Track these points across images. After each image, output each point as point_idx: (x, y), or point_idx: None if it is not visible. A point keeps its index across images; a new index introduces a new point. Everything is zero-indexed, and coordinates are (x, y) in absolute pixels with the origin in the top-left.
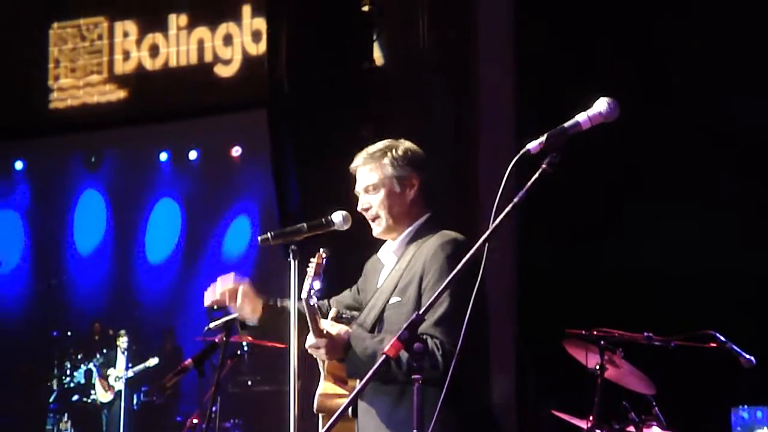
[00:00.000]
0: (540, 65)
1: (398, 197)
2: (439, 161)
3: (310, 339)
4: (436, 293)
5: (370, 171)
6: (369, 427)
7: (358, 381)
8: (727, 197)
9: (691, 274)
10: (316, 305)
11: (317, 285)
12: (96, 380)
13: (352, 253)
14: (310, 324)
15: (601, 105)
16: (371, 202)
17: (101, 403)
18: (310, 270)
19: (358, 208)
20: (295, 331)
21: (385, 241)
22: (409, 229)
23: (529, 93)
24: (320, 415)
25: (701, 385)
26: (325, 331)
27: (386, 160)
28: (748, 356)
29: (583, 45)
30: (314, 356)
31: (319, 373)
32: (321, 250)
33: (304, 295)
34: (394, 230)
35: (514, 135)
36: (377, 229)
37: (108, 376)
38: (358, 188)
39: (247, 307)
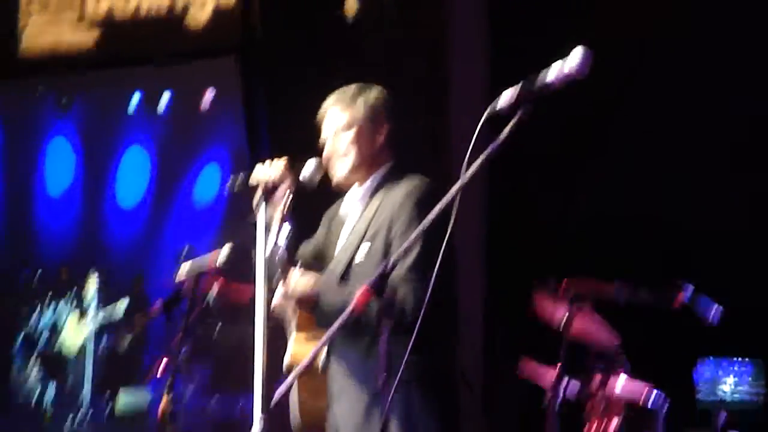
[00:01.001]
0: (515, 14)
1: (368, 139)
2: (410, 109)
3: (279, 290)
4: (404, 246)
5: (342, 111)
6: (340, 379)
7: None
8: (706, 146)
9: (665, 223)
10: (286, 254)
11: (286, 229)
12: (65, 324)
13: (319, 201)
14: (280, 271)
15: (574, 58)
16: (340, 143)
17: (69, 351)
18: (277, 214)
19: (324, 153)
20: (263, 278)
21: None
22: (375, 175)
23: (504, 45)
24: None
25: (668, 336)
26: (294, 282)
27: (359, 101)
28: (712, 311)
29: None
30: (281, 308)
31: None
32: (286, 191)
33: (281, 241)
34: (359, 172)
35: (487, 87)
36: (342, 169)
37: (86, 316)
38: (327, 130)
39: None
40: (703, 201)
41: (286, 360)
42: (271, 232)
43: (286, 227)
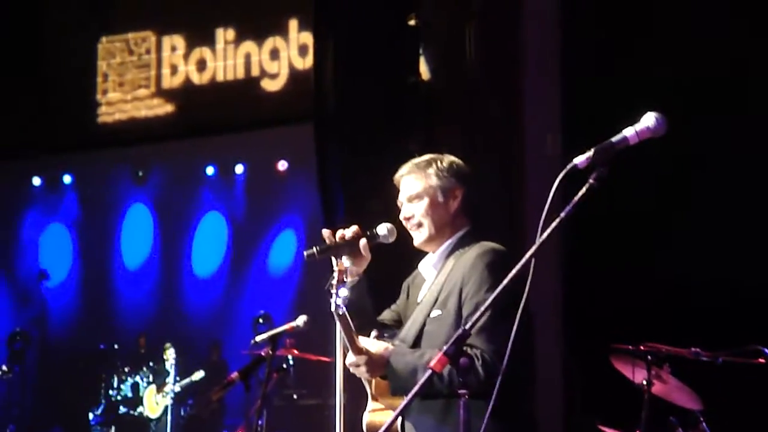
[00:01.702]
0: (587, 79)
1: (441, 207)
2: (485, 176)
3: (350, 357)
4: (483, 307)
5: (415, 180)
6: None
7: (403, 398)
8: None
9: (740, 287)
10: (346, 315)
11: (343, 293)
12: (144, 394)
13: (397, 267)
14: (346, 338)
15: (649, 120)
16: (414, 211)
17: (148, 417)
18: (333, 280)
19: (401, 217)
20: (341, 344)
21: (426, 253)
22: (449, 241)
23: (576, 107)
24: None
25: (749, 401)
26: (364, 349)
27: (431, 170)
28: None
29: (631, 59)
30: (356, 374)
31: (365, 388)
32: (343, 258)
33: (332, 307)
34: (435, 240)
35: (561, 149)
36: (419, 239)
37: (165, 386)
38: (402, 198)
39: (362, 257)
40: None
41: (364, 426)
42: (331, 300)
43: (343, 291)
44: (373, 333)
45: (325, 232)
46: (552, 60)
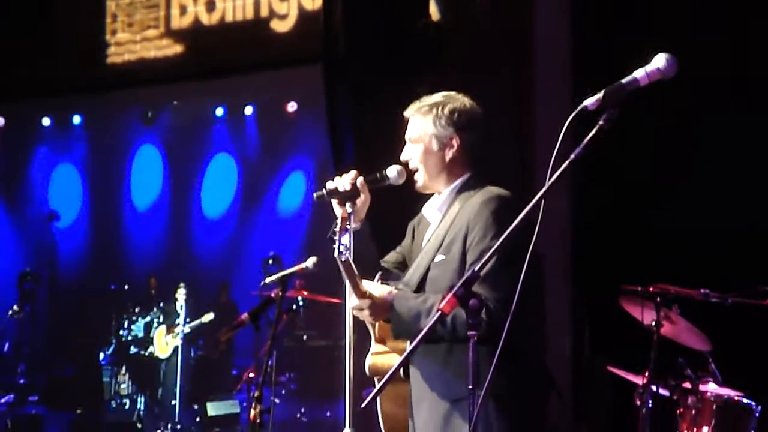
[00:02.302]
0: (598, 21)
1: (435, 155)
2: (494, 118)
3: (354, 300)
4: (489, 251)
5: (414, 123)
6: (418, 387)
7: (408, 342)
8: None
9: (750, 229)
10: (349, 261)
11: (345, 240)
12: (154, 334)
13: (403, 208)
14: (349, 283)
15: (659, 61)
16: (411, 154)
17: (158, 357)
18: (336, 227)
19: (401, 157)
20: (350, 290)
21: (431, 196)
22: (452, 186)
23: (587, 49)
24: (375, 378)
25: (758, 342)
26: (368, 293)
27: (429, 117)
28: None
29: (645, 4)
30: (360, 318)
31: (369, 331)
32: (346, 204)
33: (335, 253)
34: (432, 185)
35: (571, 91)
36: (418, 180)
37: (175, 327)
38: (407, 137)
39: (362, 204)
40: None
41: (366, 369)
42: (335, 246)
43: (345, 238)
44: (377, 276)
45: (334, 183)
46: (563, 2)
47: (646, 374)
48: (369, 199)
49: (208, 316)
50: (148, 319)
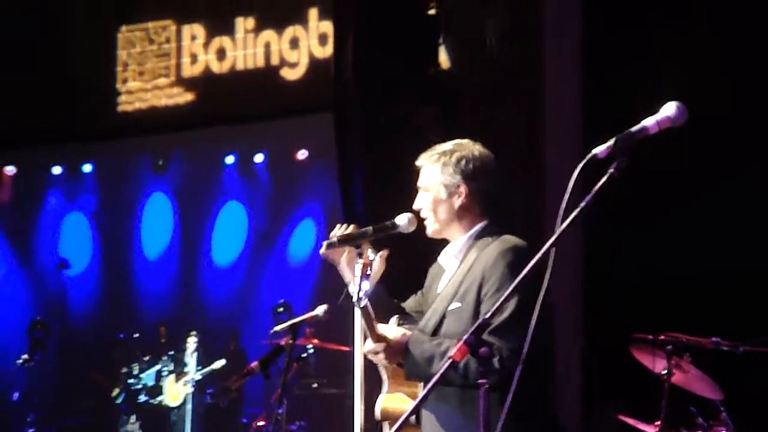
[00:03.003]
0: (608, 70)
1: (444, 203)
2: (505, 166)
3: (369, 344)
4: (501, 300)
5: (424, 171)
6: (430, 431)
7: (420, 386)
8: None
9: (761, 277)
10: (369, 307)
11: (366, 286)
12: (164, 382)
13: (418, 255)
14: (366, 328)
15: (669, 109)
16: (422, 203)
17: (169, 405)
18: (357, 271)
19: (413, 206)
20: (360, 334)
21: (447, 243)
22: (466, 235)
23: (597, 98)
24: (385, 422)
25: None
26: (383, 336)
27: (438, 165)
28: None
29: (652, 50)
30: (374, 361)
31: (381, 374)
32: (368, 251)
33: (354, 298)
34: (444, 233)
35: (580, 140)
36: (429, 228)
37: (178, 376)
38: (418, 184)
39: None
40: None
41: (377, 412)
42: (353, 291)
43: (366, 284)
44: (393, 319)
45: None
46: (574, 53)
47: (658, 423)
48: (383, 268)
49: (220, 363)
50: (158, 367)
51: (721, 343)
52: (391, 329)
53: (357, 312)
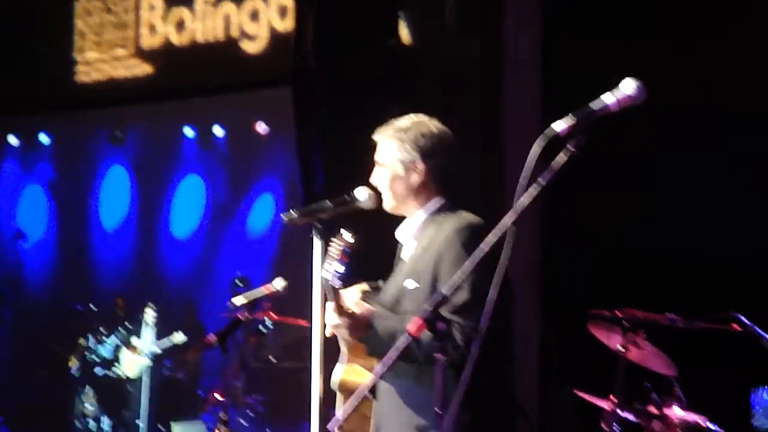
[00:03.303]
0: (567, 44)
1: (401, 180)
2: (464, 142)
3: (332, 318)
4: (458, 277)
5: (381, 147)
6: (386, 407)
7: (377, 360)
8: (758, 177)
9: (717, 254)
10: (339, 288)
11: (340, 269)
12: (121, 354)
13: (379, 230)
14: (333, 302)
15: (629, 86)
16: (379, 178)
17: (126, 377)
18: (333, 252)
19: (369, 181)
20: (319, 308)
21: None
22: (423, 209)
23: (556, 73)
24: (340, 394)
25: (723, 367)
26: (349, 311)
27: (395, 141)
28: None
29: (612, 22)
30: (336, 334)
31: (339, 351)
32: (343, 233)
33: (327, 276)
34: (400, 209)
35: (540, 116)
36: (385, 204)
37: (135, 348)
38: (375, 159)
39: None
40: (759, 233)
41: (334, 382)
42: (326, 269)
43: (340, 267)
44: (356, 288)
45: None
46: (534, 26)
47: (613, 399)
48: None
49: (179, 336)
50: (114, 339)
51: (676, 320)
52: (357, 304)
53: (316, 285)
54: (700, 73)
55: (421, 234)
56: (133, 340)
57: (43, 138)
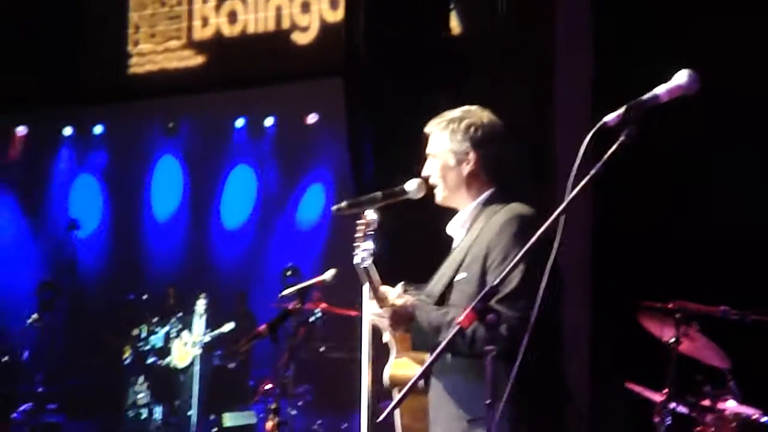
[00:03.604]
0: (619, 39)
1: (452, 170)
2: (515, 133)
3: (374, 307)
4: (508, 267)
5: (433, 138)
6: (437, 401)
7: (428, 354)
8: None
9: None
10: (371, 268)
11: (368, 246)
12: (173, 344)
13: (428, 221)
14: (370, 290)
15: (681, 77)
16: (430, 170)
17: (176, 367)
18: (359, 233)
19: (421, 173)
20: (370, 299)
21: (456, 212)
22: (474, 202)
23: (607, 66)
24: (394, 389)
25: None
26: (389, 301)
27: (447, 132)
28: None
29: (664, 19)
30: (378, 326)
31: (389, 342)
32: (367, 212)
33: (356, 260)
34: (452, 201)
35: (591, 107)
36: (438, 196)
37: (185, 343)
38: (426, 151)
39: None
40: None
41: (385, 379)
42: (356, 252)
43: (369, 244)
44: (399, 285)
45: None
46: (586, 19)
47: (665, 391)
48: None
49: (229, 326)
50: (167, 328)
51: (729, 312)
52: (399, 296)
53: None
54: (753, 61)
55: (471, 224)
56: (185, 329)
57: (97, 128)
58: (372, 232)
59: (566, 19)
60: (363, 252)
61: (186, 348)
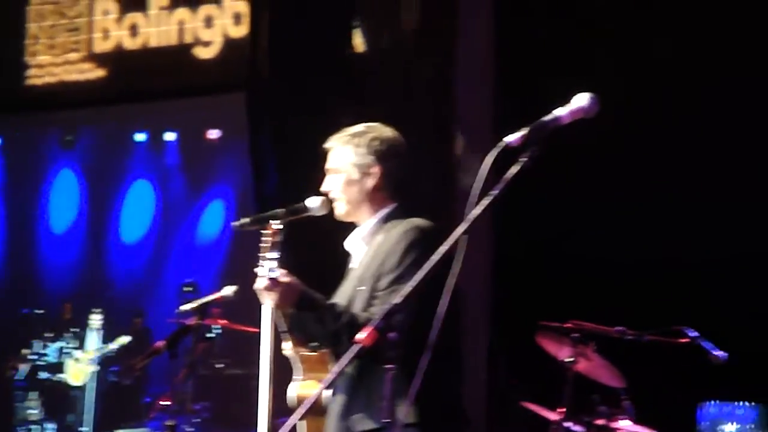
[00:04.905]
0: (520, 59)
1: (356, 184)
2: (417, 151)
3: (261, 281)
4: (411, 282)
5: (335, 153)
6: (336, 418)
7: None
8: (704, 189)
9: (665, 267)
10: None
11: (275, 257)
12: (67, 360)
13: (332, 238)
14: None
15: (581, 100)
16: (332, 185)
17: (70, 384)
18: (264, 244)
19: (321, 188)
20: (269, 316)
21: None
22: (374, 218)
23: (510, 86)
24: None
25: (671, 380)
26: (282, 280)
27: (350, 146)
28: (718, 352)
29: (564, 40)
30: (261, 299)
31: (293, 362)
32: (271, 222)
33: (264, 271)
34: (353, 216)
35: (492, 127)
36: (338, 210)
37: (78, 359)
38: (326, 167)
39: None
40: (706, 246)
41: (291, 399)
42: (263, 264)
43: (275, 254)
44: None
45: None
46: (487, 38)
47: (561, 410)
48: None
49: (125, 338)
50: (61, 344)
51: (625, 332)
52: (284, 274)
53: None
54: (649, 81)
55: (371, 239)
56: (78, 351)
57: None
58: (278, 242)
59: (469, 41)
60: (269, 262)
61: (79, 365)
